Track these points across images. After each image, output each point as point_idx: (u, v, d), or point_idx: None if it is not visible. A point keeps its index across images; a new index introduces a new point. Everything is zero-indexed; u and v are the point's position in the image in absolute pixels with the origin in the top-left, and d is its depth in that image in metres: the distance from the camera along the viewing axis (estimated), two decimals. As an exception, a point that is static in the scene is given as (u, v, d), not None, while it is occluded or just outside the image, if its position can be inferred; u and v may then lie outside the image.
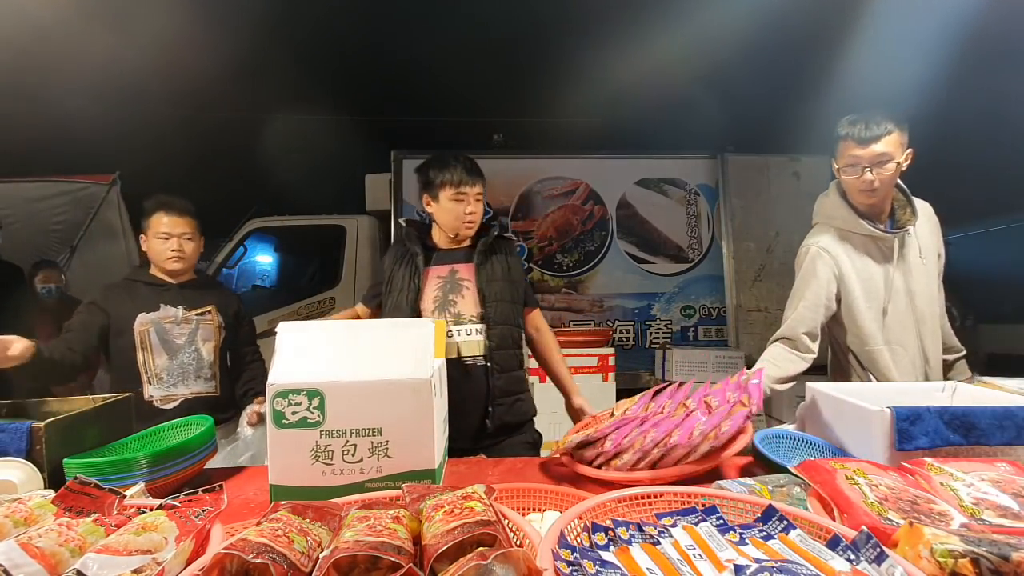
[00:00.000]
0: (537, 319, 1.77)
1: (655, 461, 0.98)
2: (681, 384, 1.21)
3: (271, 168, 4.93)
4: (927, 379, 1.58)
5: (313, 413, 0.89)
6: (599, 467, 1.04)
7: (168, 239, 1.76)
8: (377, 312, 1.68)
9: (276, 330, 0.99)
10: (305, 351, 0.96)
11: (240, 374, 1.96)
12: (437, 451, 0.94)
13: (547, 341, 1.78)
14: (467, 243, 1.66)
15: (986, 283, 5.13)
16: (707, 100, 3.86)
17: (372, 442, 0.90)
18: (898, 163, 1.48)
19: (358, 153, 4.37)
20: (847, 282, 1.58)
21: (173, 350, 1.74)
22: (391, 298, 1.58)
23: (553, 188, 4.02)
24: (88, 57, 2.80)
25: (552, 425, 3.02)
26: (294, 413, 0.89)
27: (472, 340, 1.54)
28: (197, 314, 1.80)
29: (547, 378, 3.01)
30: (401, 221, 1.80)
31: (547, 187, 4.02)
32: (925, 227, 1.67)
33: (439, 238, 1.67)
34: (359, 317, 1.70)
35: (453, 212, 1.57)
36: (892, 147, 1.46)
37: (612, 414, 1.20)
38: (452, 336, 1.52)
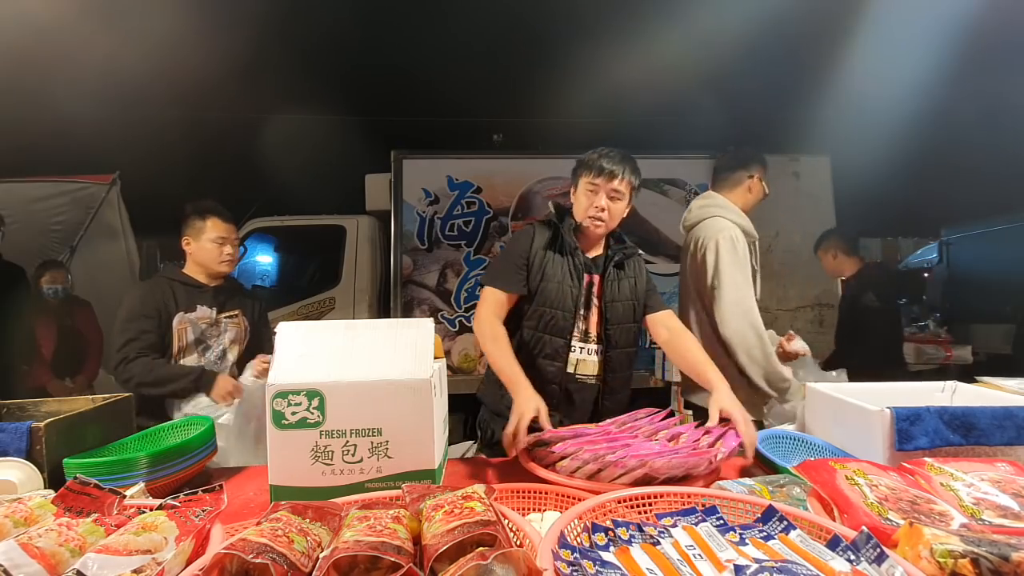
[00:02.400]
0: (668, 319, 1.59)
1: (591, 473, 0.96)
2: (671, 414, 1.21)
3: (271, 168, 4.93)
4: None
5: (313, 413, 0.89)
6: (546, 467, 1.03)
7: (223, 244, 1.85)
8: (520, 298, 1.51)
9: (275, 330, 0.99)
10: (305, 351, 0.96)
11: None
12: (437, 451, 0.94)
13: (683, 343, 1.54)
14: (600, 251, 1.57)
15: (986, 283, 5.13)
16: (707, 100, 3.86)
17: (372, 442, 0.90)
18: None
19: (358, 153, 4.36)
20: None
21: (204, 350, 1.81)
22: (546, 284, 1.46)
23: (553, 188, 4.02)
24: (88, 57, 2.80)
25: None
26: (294, 413, 0.89)
27: (589, 360, 1.50)
28: (226, 316, 1.87)
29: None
30: (551, 204, 1.70)
31: (547, 187, 4.01)
32: None
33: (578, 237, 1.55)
34: (504, 306, 1.49)
35: (583, 203, 1.47)
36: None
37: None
38: (573, 351, 1.48)
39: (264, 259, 4.61)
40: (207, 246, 1.84)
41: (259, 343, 2.00)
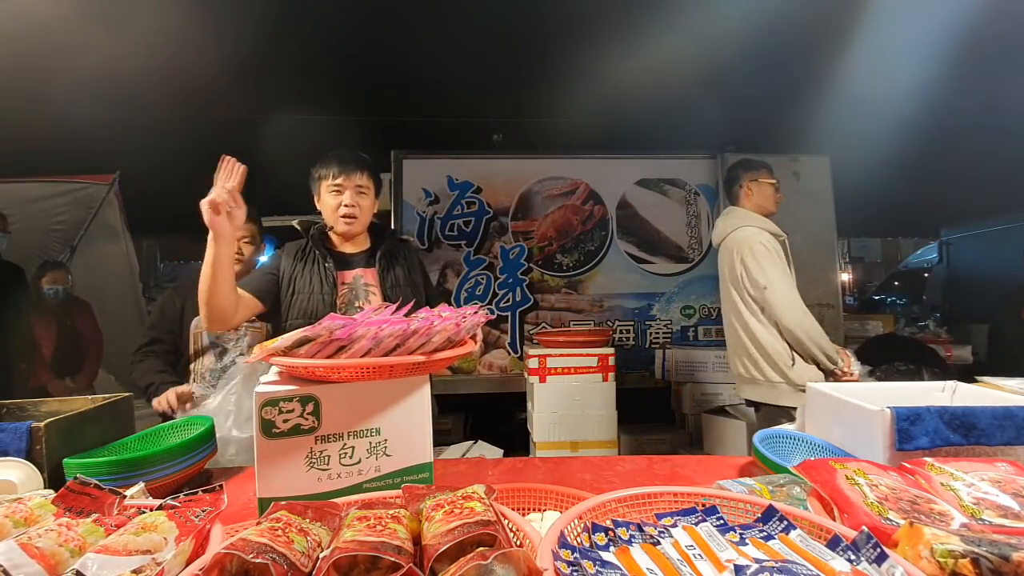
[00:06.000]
0: None
1: (388, 350, 0.88)
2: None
3: (271, 168, 4.92)
4: None
5: (307, 419, 0.86)
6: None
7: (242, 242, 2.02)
8: (265, 307, 1.53)
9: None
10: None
11: None
12: (430, 444, 0.94)
13: None
14: (366, 247, 1.64)
15: (986, 283, 5.13)
16: (707, 100, 3.85)
17: (371, 442, 0.89)
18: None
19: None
20: None
21: (220, 353, 1.85)
22: (296, 300, 1.53)
23: (553, 188, 4.02)
24: (88, 57, 2.79)
25: (552, 425, 3.03)
26: (286, 421, 0.85)
27: None
28: (248, 323, 1.87)
29: (547, 378, 3.02)
30: (295, 223, 1.81)
31: (547, 187, 4.01)
32: None
33: (335, 239, 1.65)
34: (242, 301, 1.45)
35: (330, 205, 1.57)
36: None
37: None
38: None
39: (264, 259, 4.61)
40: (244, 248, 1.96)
41: None
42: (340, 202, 1.56)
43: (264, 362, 0.90)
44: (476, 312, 0.99)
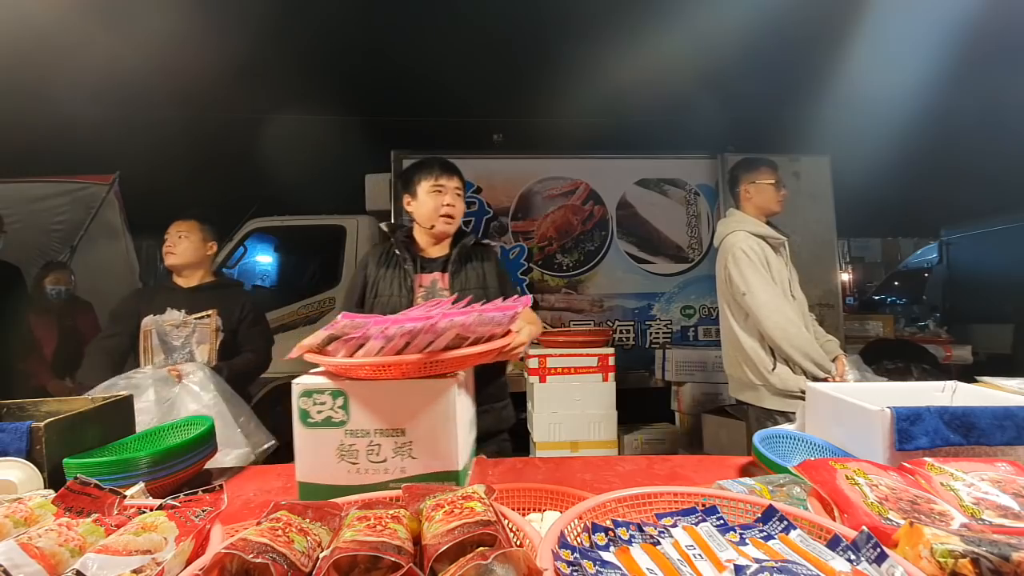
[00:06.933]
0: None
1: (400, 348, 0.88)
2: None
3: (271, 168, 4.92)
4: None
5: (337, 412, 0.89)
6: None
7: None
8: (355, 305, 1.62)
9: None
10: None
11: None
12: (462, 453, 0.92)
13: None
14: (447, 251, 1.65)
15: (986, 283, 5.13)
16: (707, 100, 3.86)
17: (396, 442, 0.90)
18: None
19: (358, 153, 4.36)
20: None
21: (170, 350, 1.86)
22: (378, 302, 1.56)
23: (553, 188, 4.02)
24: (88, 57, 2.80)
25: (552, 425, 3.03)
26: (319, 412, 0.89)
27: None
28: (196, 318, 1.90)
29: (547, 378, 3.03)
30: (383, 226, 1.82)
31: (547, 187, 4.01)
32: None
33: (422, 241, 1.66)
34: None
35: (431, 205, 1.58)
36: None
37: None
38: None
39: (264, 259, 4.61)
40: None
41: (246, 340, 2.01)
42: (441, 202, 1.58)
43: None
44: (508, 304, 0.96)
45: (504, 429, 1.63)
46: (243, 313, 2.02)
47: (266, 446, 1.64)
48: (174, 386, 1.63)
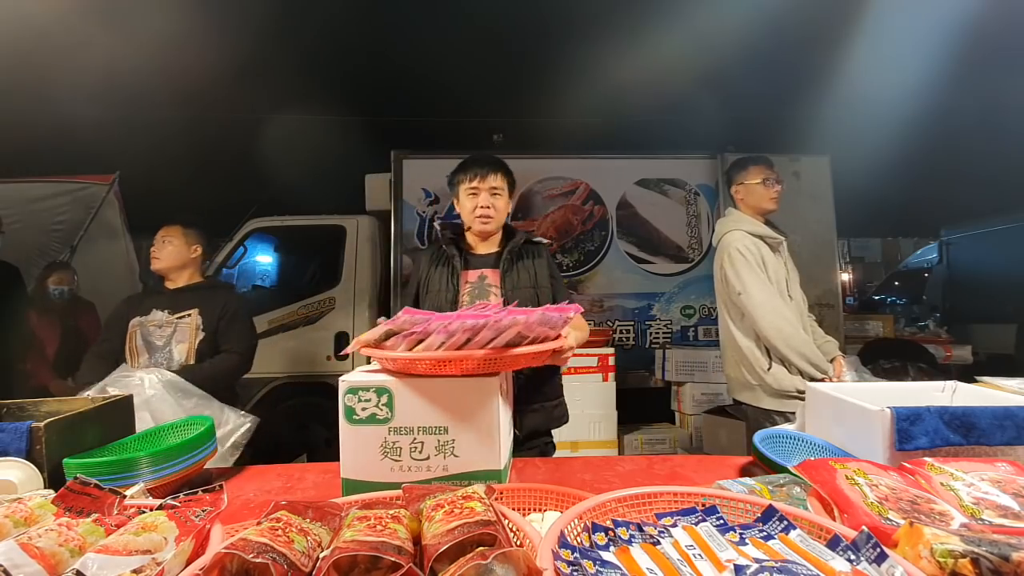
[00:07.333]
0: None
1: (461, 344, 0.90)
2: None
3: (271, 168, 4.93)
4: None
5: (382, 410, 0.90)
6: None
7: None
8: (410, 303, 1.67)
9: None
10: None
11: None
12: (503, 451, 0.93)
13: None
14: (496, 248, 1.67)
15: (986, 283, 5.13)
16: (707, 100, 3.86)
17: (439, 440, 0.91)
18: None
19: (358, 153, 4.36)
20: None
21: (153, 350, 1.90)
22: (429, 298, 1.60)
23: (553, 188, 4.02)
24: (88, 57, 2.80)
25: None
26: (364, 409, 0.90)
27: None
28: (178, 317, 1.93)
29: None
30: (436, 224, 1.86)
31: (547, 187, 4.01)
32: None
33: (469, 239, 1.70)
34: None
35: (468, 207, 1.62)
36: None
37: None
38: None
39: (264, 259, 4.61)
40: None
41: (223, 339, 2.01)
42: (476, 204, 1.61)
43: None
44: (562, 307, 0.98)
45: (550, 429, 1.63)
46: (223, 311, 2.02)
47: (248, 424, 1.61)
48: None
